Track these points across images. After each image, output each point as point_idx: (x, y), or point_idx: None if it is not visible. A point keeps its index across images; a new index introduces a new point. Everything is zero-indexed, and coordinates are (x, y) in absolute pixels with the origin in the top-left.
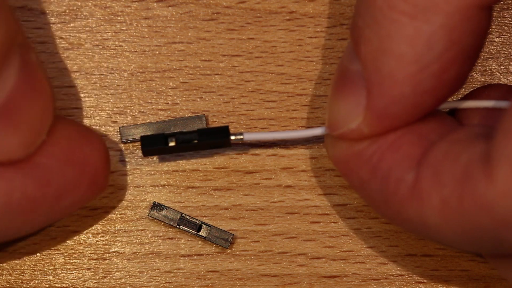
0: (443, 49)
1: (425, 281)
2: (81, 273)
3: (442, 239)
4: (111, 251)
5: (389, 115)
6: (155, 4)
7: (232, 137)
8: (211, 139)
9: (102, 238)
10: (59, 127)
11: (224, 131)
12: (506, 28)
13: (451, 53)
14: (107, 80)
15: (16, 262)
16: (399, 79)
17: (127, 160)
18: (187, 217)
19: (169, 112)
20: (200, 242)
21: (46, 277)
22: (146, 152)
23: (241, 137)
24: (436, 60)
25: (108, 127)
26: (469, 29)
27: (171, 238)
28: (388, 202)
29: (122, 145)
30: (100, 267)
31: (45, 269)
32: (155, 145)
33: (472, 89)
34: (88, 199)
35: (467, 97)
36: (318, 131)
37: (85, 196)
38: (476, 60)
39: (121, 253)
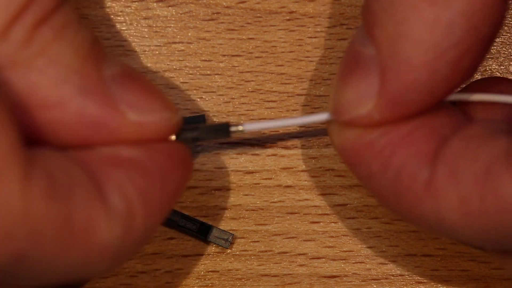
0: (461, 36)
1: (425, 281)
2: None
3: (458, 236)
4: None
5: (402, 102)
6: (155, 4)
7: (233, 128)
8: (212, 135)
9: None
10: None
11: (224, 127)
12: (506, 28)
13: (468, 40)
14: None
15: None
16: (415, 64)
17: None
18: (187, 217)
19: None
20: (200, 242)
21: None
22: None
23: (241, 128)
24: (454, 47)
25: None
26: (487, 17)
27: (171, 238)
28: (400, 197)
29: None
30: None
31: None
32: None
33: (472, 81)
34: (185, 181)
35: (468, 89)
36: (322, 117)
37: (183, 177)
38: (489, 50)
39: None
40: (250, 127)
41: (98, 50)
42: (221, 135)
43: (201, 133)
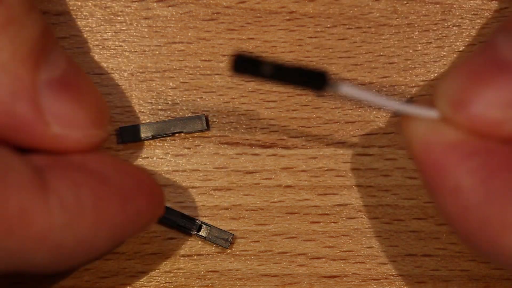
0: None
1: (425, 281)
2: (81, 273)
3: None
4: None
5: None
6: (155, 4)
7: (328, 86)
8: (307, 83)
9: None
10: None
11: (322, 77)
12: None
13: None
14: (107, 80)
15: None
16: None
17: (127, 160)
18: (187, 217)
19: (169, 112)
20: (200, 242)
21: (46, 277)
22: (237, 70)
23: (338, 87)
24: None
25: (108, 127)
26: None
27: (171, 238)
28: (489, 225)
29: (122, 145)
30: (101, 267)
31: None
32: (247, 69)
33: None
34: (150, 214)
35: None
36: (430, 113)
37: (147, 208)
38: None
39: (121, 253)
40: (347, 90)
41: (42, 48)
42: (313, 86)
43: (290, 74)
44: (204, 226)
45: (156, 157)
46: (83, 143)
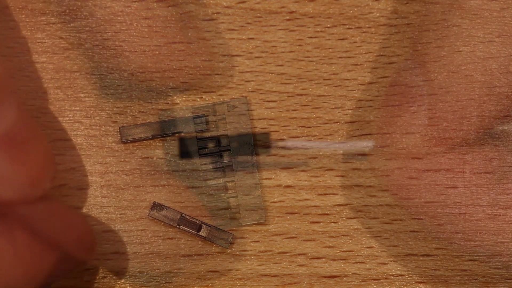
0: None
1: (425, 281)
2: (81, 273)
3: None
4: (111, 251)
5: None
6: (155, 4)
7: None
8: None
9: (102, 238)
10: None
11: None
12: (506, 28)
13: None
14: (107, 80)
15: None
16: None
17: (127, 160)
18: (187, 217)
19: (169, 112)
20: (200, 242)
21: None
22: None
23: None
24: None
25: (108, 127)
26: None
27: (171, 238)
28: None
29: (122, 145)
30: (100, 267)
31: None
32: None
33: None
34: (78, 262)
35: None
36: (367, 144)
37: (75, 256)
38: None
39: (121, 253)
40: (287, 145)
41: None
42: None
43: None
44: (204, 226)
45: (156, 157)
46: (17, 201)
